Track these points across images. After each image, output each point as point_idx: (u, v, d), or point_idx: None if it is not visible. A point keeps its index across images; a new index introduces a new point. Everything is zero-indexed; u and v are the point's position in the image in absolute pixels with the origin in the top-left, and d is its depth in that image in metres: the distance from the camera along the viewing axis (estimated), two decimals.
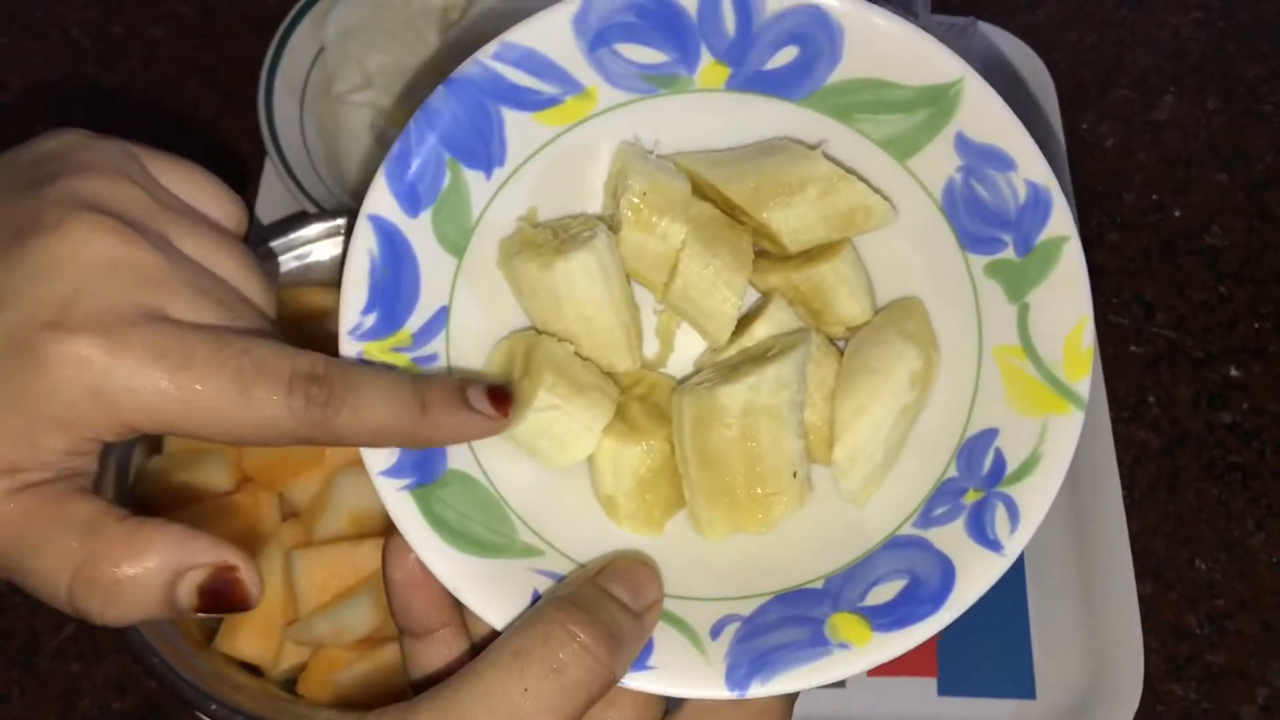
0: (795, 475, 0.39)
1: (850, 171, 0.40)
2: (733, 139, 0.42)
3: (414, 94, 0.67)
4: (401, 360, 0.38)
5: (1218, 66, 0.79)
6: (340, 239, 0.58)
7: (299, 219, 0.58)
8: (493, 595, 0.36)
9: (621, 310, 0.41)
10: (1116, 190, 0.74)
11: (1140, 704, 0.55)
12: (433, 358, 0.39)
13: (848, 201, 0.40)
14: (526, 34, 0.39)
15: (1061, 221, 0.38)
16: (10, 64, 0.77)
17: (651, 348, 0.43)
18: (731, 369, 0.40)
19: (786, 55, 0.40)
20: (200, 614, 0.32)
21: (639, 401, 0.41)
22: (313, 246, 0.58)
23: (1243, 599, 0.61)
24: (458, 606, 0.37)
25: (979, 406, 0.39)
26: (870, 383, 0.39)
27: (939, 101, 0.39)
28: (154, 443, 0.55)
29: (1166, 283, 0.70)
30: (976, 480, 0.38)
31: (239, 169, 0.73)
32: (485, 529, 0.37)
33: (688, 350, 0.43)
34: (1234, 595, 0.61)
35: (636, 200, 0.40)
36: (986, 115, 0.38)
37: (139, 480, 0.53)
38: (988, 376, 0.39)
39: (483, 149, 0.40)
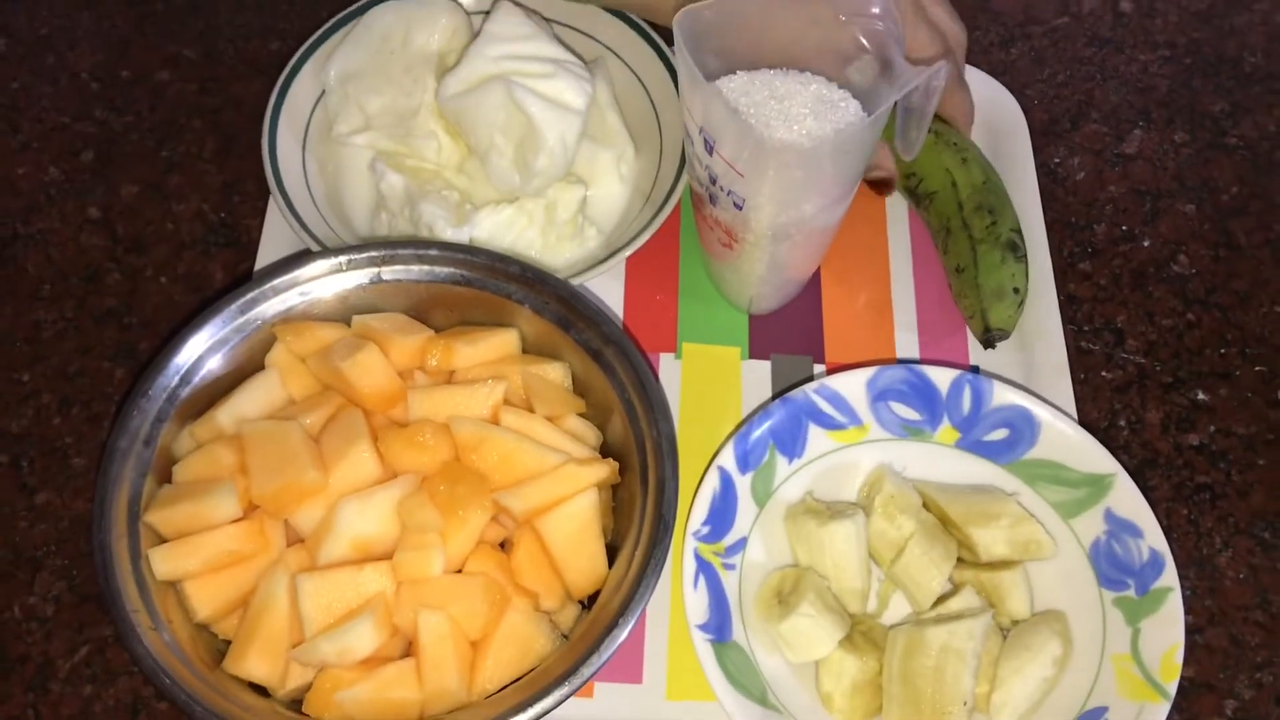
0: (965, 704, 0.55)
1: (1032, 516, 0.60)
2: (954, 478, 0.62)
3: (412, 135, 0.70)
4: (717, 561, 0.58)
5: (1184, 101, 0.82)
6: (341, 275, 0.61)
7: (302, 257, 0.60)
8: None
9: (862, 568, 0.59)
10: (1088, 221, 0.76)
11: None
12: (733, 567, 0.58)
13: (1027, 535, 0.59)
14: (838, 383, 0.62)
15: (1170, 577, 0.56)
16: (22, 107, 0.80)
17: (872, 604, 0.61)
18: (935, 620, 0.57)
19: (1000, 434, 0.62)
20: None
21: (861, 634, 0.58)
22: (315, 284, 0.60)
23: (1211, 614, 0.63)
24: None
25: (1096, 690, 0.55)
26: (1025, 655, 0.56)
27: (1097, 485, 0.59)
28: (164, 472, 0.57)
29: (1137, 310, 0.73)
30: None
31: (243, 208, 0.75)
32: (750, 684, 0.55)
33: (896, 611, 0.61)
34: (1203, 610, 0.63)
35: (886, 500, 0.60)
36: (1128, 499, 0.58)
37: (150, 508, 0.55)
38: (1105, 672, 0.56)
39: (791, 444, 0.62)
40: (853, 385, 0.62)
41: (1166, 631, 0.55)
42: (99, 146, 0.78)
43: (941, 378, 0.62)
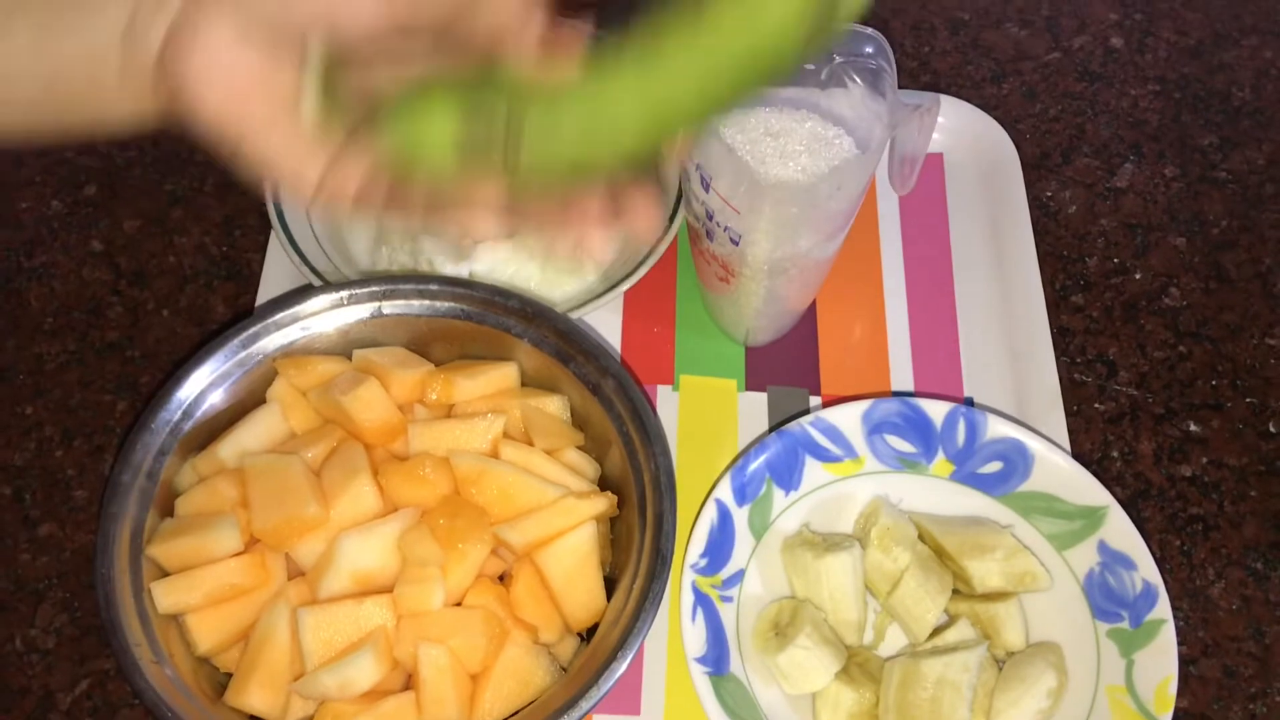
0: None
1: (1026, 548, 0.61)
2: (949, 510, 0.63)
3: None
4: (714, 594, 0.58)
5: (1174, 136, 0.83)
6: (342, 309, 0.61)
7: (304, 292, 0.61)
8: None
9: (858, 600, 0.60)
10: (1080, 254, 0.77)
11: None
12: (730, 599, 0.59)
13: (1022, 567, 0.60)
14: (833, 415, 0.62)
15: (1163, 609, 0.57)
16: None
17: (868, 636, 0.62)
18: (931, 652, 0.58)
19: (994, 466, 0.62)
20: None
21: (857, 666, 0.59)
22: (316, 318, 0.61)
23: (1205, 645, 0.63)
24: None
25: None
26: (1020, 688, 0.57)
27: (1091, 518, 0.60)
28: (167, 506, 0.58)
29: (1129, 342, 0.74)
30: None
31: (245, 242, 0.76)
32: (748, 716, 0.55)
33: (893, 642, 0.61)
34: (1196, 642, 0.63)
35: (882, 532, 0.61)
36: (1121, 531, 0.59)
37: (152, 541, 0.55)
38: (1100, 704, 0.56)
39: (788, 477, 0.62)
40: (848, 418, 0.63)
41: (1160, 663, 0.56)
42: (101, 180, 0.79)
43: (936, 410, 0.63)
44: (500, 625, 0.54)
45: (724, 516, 0.60)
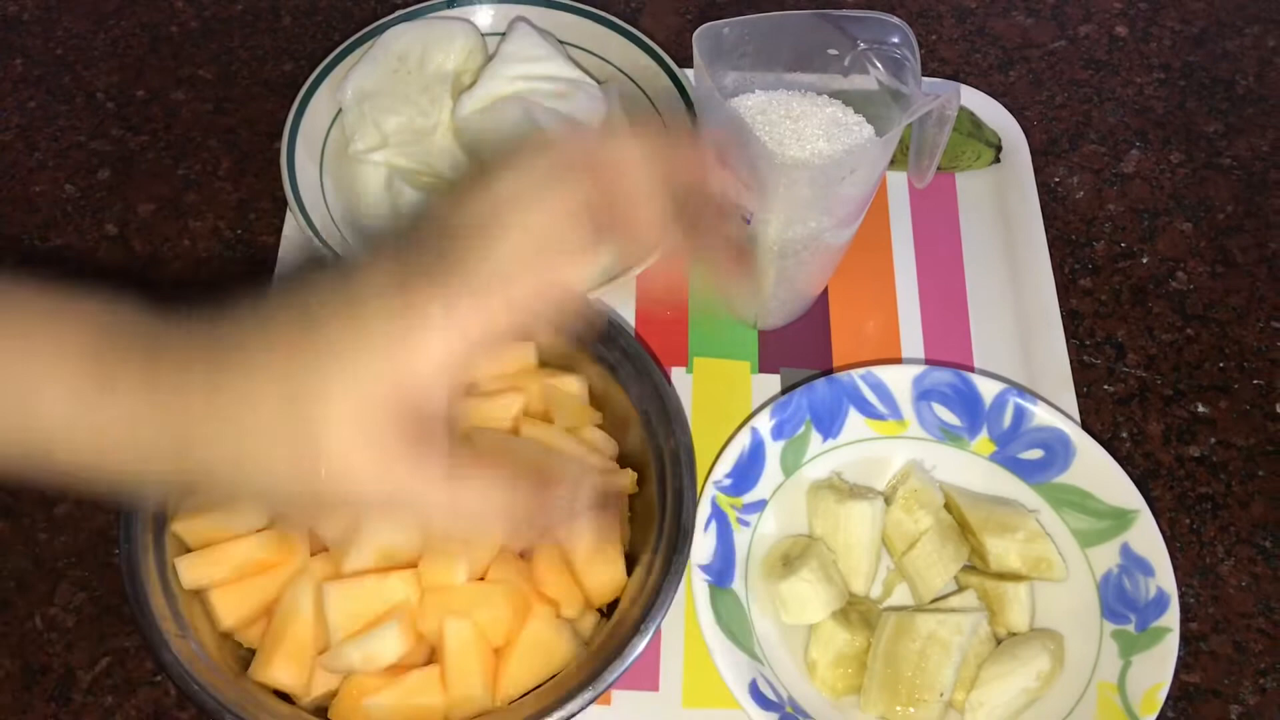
0: (941, 695, 0.56)
1: (1048, 535, 0.61)
2: (981, 488, 0.63)
3: (429, 154, 0.71)
4: (732, 513, 0.60)
5: (1179, 122, 0.84)
6: None
7: None
8: (730, 664, 0.54)
9: (870, 551, 0.61)
10: (1088, 239, 0.78)
11: None
12: (746, 524, 0.61)
13: (1040, 553, 0.60)
14: (885, 374, 0.63)
15: (1171, 618, 0.57)
16: (39, 126, 0.81)
17: (876, 590, 0.62)
18: (930, 609, 0.59)
19: (1035, 453, 0.63)
20: None
21: (857, 612, 0.60)
22: None
23: (1215, 622, 0.64)
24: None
25: (1076, 713, 0.56)
26: (1012, 664, 0.57)
27: (1120, 519, 0.60)
28: None
29: (1137, 325, 0.74)
30: None
31: (259, 225, 0.76)
32: (739, 631, 0.56)
33: (899, 600, 0.62)
34: (1207, 618, 0.64)
35: (909, 493, 0.62)
36: (1147, 537, 0.59)
37: (176, 517, 0.56)
38: (1089, 696, 0.56)
39: (829, 423, 0.63)
40: (899, 379, 0.63)
41: (1156, 669, 0.55)
42: (114, 164, 0.79)
43: (988, 388, 0.63)
44: (524, 599, 0.55)
45: (756, 445, 0.61)
